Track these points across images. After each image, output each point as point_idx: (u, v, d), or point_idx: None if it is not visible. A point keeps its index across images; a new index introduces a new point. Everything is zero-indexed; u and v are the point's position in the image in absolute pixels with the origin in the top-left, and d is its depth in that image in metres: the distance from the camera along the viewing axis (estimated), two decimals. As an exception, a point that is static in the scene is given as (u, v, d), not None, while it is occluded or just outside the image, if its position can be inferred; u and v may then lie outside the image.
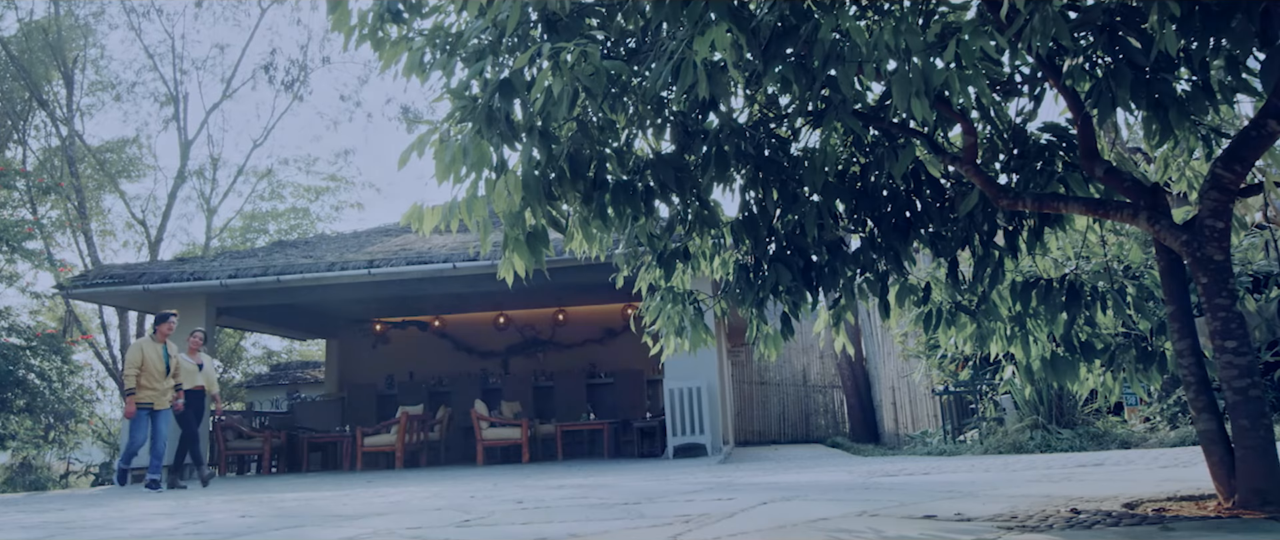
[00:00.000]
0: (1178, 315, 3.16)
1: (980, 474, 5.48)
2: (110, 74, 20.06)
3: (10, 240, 12.80)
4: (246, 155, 40.29)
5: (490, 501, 5.07)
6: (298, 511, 5.18)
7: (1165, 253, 3.21)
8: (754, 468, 8.04)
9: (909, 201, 4.05)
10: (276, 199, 23.39)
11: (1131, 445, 7.56)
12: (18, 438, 17.28)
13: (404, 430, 13.11)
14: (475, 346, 17.28)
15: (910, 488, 4.67)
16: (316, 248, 14.05)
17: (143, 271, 12.70)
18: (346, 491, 6.79)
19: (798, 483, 5.42)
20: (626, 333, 16.76)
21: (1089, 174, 3.41)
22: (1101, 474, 4.89)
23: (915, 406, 15.82)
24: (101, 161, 20.00)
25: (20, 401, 14.98)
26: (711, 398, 11.63)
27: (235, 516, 5.07)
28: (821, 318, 4.30)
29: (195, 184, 20.41)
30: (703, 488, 5.32)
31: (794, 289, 3.85)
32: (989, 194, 3.39)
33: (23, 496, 11.48)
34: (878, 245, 4.03)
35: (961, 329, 4.09)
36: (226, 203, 46.02)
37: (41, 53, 17.23)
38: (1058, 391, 8.14)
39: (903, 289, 4.10)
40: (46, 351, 14.33)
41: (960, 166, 3.45)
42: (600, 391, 16.04)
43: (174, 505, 6.39)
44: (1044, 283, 3.72)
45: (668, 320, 3.99)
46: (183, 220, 58.43)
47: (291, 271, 12.20)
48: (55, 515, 5.95)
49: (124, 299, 13.08)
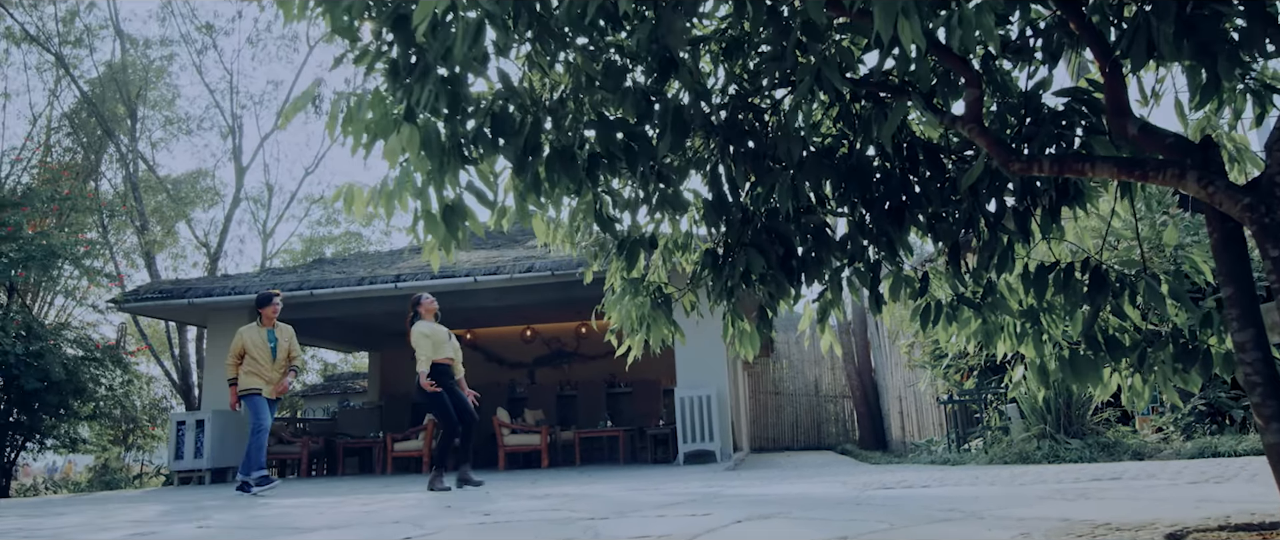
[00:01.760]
0: (1237, 299, 2.25)
1: (984, 488, 4.54)
2: (179, 111, 19.69)
3: (70, 258, 12.24)
4: (299, 182, 40.08)
5: (459, 514, 4.24)
6: (258, 523, 4.38)
7: (1219, 222, 2.30)
8: (755, 476, 7.12)
9: (903, 181, 3.17)
10: (332, 224, 22.92)
11: (1145, 456, 6.54)
12: (88, 442, 16.78)
13: (430, 436, 12.40)
14: (505, 357, 16.50)
15: (905, 505, 3.75)
16: (351, 264, 13.39)
17: (188, 287, 12.10)
18: (331, 498, 5.97)
19: (786, 496, 4.52)
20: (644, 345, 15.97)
21: (1119, 135, 2.52)
22: (1122, 490, 3.94)
23: (921, 415, 14.81)
24: (175, 195, 19.62)
25: (86, 409, 14.45)
26: (721, 406, 10.75)
27: (192, 527, 4.28)
28: (806, 314, 3.42)
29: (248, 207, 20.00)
30: (685, 501, 4.43)
31: (770, 278, 2.99)
32: (998, 159, 2.51)
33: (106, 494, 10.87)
34: (868, 230, 3.16)
35: (964, 325, 3.19)
36: (281, 226, 45.87)
37: (113, 92, 16.90)
38: (1066, 399, 7.14)
39: (897, 280, 3.22)
40: (107, 362, 13.76)
41: (963, 127, 2.58)
42: (619, 400, 15.30)
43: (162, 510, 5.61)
44: (1063, 268, 2.82)
45: (625, 315, 3.14)
46: (241, 243, 58.38)
47: (324, 286, 11.54)
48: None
49: (172, 312, 12.48)
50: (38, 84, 17.58)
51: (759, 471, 8.20)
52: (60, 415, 13.22)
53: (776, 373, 21.58)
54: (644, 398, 15.07)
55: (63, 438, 14.87)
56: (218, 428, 11.64)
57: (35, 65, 17.61)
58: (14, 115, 41.68)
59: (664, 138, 2.64)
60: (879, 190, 3.21)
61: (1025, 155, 2.54)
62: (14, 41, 16.66)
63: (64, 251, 12.03)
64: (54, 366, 11.74)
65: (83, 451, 17.08)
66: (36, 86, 16.30)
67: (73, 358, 12.84)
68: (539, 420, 13.32)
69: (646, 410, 14.80)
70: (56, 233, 12.60)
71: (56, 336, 12.48)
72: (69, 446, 15.45)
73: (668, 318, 3.16)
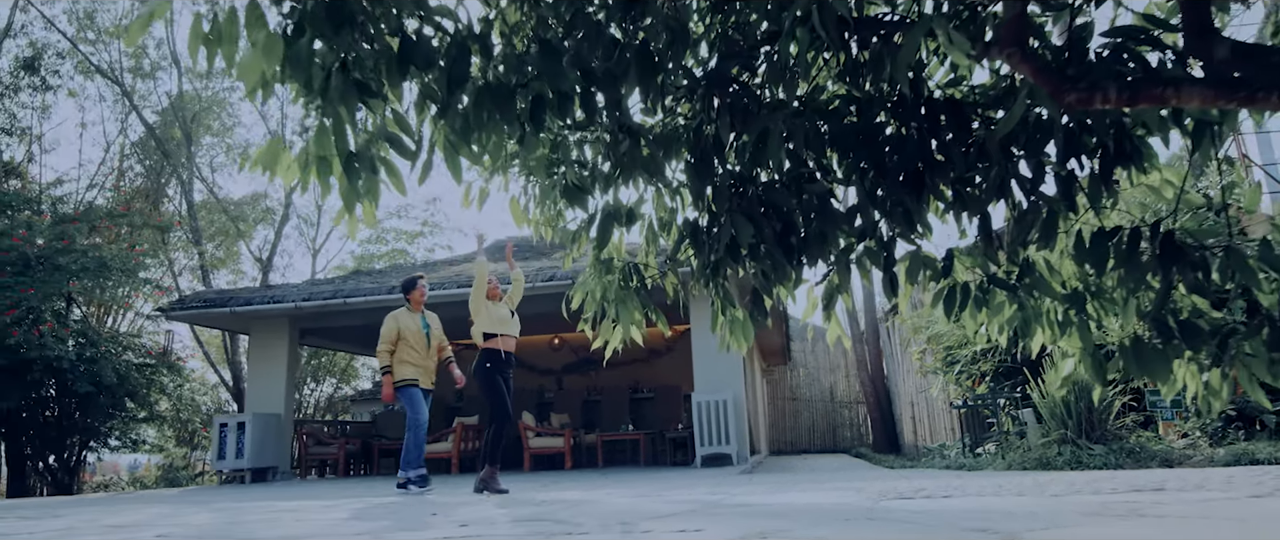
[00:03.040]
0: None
1: (1012, 499, 3.75)
2: (238, 138, 19.47)
3: (120, 269, 11.82)
4: None
5: (431, 525, 3.55)
6: (220, 531, 3.71)
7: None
8: (767, 480, 6.35)
9: (922, 143, 2.45)
10: (380, 243, 22.51)
11: (1173, 463, 5.67)
12: (149, 443, 16.39)
13: (459, 439, 11.78)
14: (535, 364, 15.86)
15: (928, 520, 2.99)
16: (386, 276, 12.85)
17: (231, 296, 11.63)
18: (327, 501, 5.28)
19: (793, 507, 3.76)
20: (668, 353, 15.28)
21: (1204, 61, 1.78)
22: (1175, 504, 3.14)
23: (933, 420, 13.90)
24: (235, 215, 19.35)
25: (142, 412, 14.03)
26: (737, 410, 10.00)
27: (151, 534, 3.63)
28: (810, 301, 2.70)
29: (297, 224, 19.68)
30: (683, 511, 3.70)
31: (765, 254, 2.27)
32: (1048, 88, 1.78)
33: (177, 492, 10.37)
34: (880, 200, 2.44)
35: (997, 312, 2.44)
36: (330, 244, 45.80)
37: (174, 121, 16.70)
38: (1088, 403, 6.28)
39: (915, 260, 2.49)
40: (161, 368, 13.33)
41: (1000, 53, 1.86)
42: (642, 405, 14.61)
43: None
44: (1128, 233, 2.07)
45: (589, 293, 2.43)
46: (289, 257, 58.10)
47: (357, 294, 10.98)
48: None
49: (216, 320, 11.99)
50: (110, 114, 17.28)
51: (773, 475, 7.43)
52: (114, 417, 12.78)
53: (793, 380, 20.81)
54: (666, 403, 14.42)
55: (124, 439, 14.48)
56: (258, 430, 11.12)
57: (107, 97, 17.42)
58: (89, 143, 42.11)
59: (627, 78, 1.96)
60: (893, 157, 2.49)
61: (1083, 85, 1.81)
62: (87, 75, 16.47)
63: (115, 263, 11.60)
64: (106, 371, 11.29)
65: (144, 452, 16.69)
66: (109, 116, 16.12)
67: (125, 363, 12.41)
68: (564, 424, 12.69)
69: (668, 415, 14.11)
70: (108, 246, 12.21)
71: (110, 343, 12.04)
72: (131, 447, 15.06)
73: (641, 300, 2.45)
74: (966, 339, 9.97)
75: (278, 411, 11.52)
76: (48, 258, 11.21)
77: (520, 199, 2.90)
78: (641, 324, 2.50)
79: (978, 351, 9.62)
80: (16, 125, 15.55)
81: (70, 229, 11.34)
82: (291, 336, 11.79)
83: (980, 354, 9.62)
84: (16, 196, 12.65)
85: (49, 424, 12.67)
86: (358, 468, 13.24)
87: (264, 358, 11.73)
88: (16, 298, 10.46)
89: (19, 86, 15.21)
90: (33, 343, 10.46)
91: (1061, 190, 2.29)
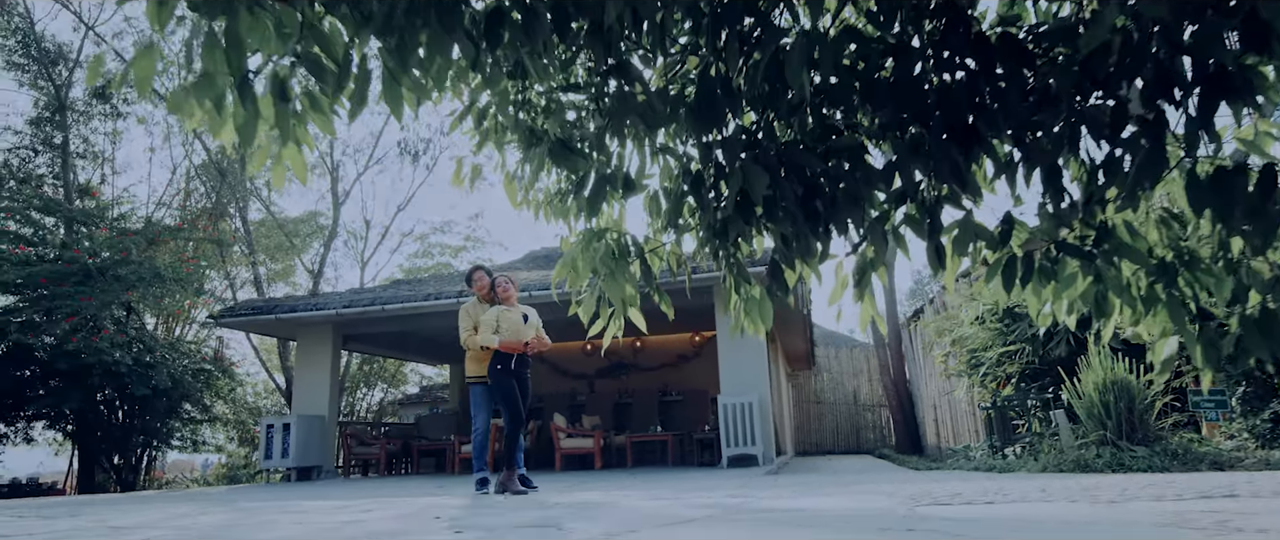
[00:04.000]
0: None
1: (1063, 505, 3.14)
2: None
3: (174, 279, 11.61)
4: (391, 217, 39.69)
5: (436, 525, 3.06)
6: (215, 533, 3.26)
7: None
8: (793, 481, 5.75)
9: (971, 88, 1.91)
10: (426, 256, 22.31)
11: (1224, 466, 4.97)
12: (207, 443, 16.21)
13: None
14: (569, 369, 15.39)
15: (977, 531, 2.41)
16: (423, 284, 12.50)
17: (276, 304, 11.33)
18: (340, 502, 4.82)
19: (822, 512, 3.20)
20: (695, 358, 14.75)
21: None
22: (1266, 514, 2.52)
23: (956, 422, 13.13)
24: (290, 231, 19.28)
25: (200, 414, 13.83)
26: (763, 412, 9.41)
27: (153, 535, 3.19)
28: (838, 280, 2.15)
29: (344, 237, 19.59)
30: (702, 517, 3.15)
31: (784, 214, 1.75)
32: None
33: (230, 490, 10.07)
34: (924, 153, 1.89)
35: (1066, 285, 1.88)
36: (377, 256, 45.68)
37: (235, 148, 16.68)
38: (1128, 402, 5.60)
39: (965, 226, 1.94)
40: (216, 372, 13.10)
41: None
42: (671, 408, 14.04)
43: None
44: (1261, 173, 1.50)
45: (569, 264, 1.92)
46: (337, 268, 58.07)
47: (394, 302, 10.61)
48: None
49: (263, 326, 11.71)
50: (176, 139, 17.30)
51: (798, 476, 6.83)
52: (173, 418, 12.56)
53: (817, 384, 20.11)
54: (694, 405, 13.87)
55: (185, 440, 14.29)
56: (303, 431, 10.78)
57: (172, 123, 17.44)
58: (158, 166, 42.82)
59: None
60: (936, 111, 1.94)
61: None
62: (153, 103, 16.48)
63: (168, 273, 11.39)
64: (161, 376, 11.05)
65: (205, 451, 16.51)
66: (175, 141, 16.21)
67: (181, 368, 12.20)
68: (595, 425, 12.18)
69: (696, 417, 13.54)
70: (163, 258, 12.02)
71: (166, 350, 11.82)
72: (191, 447, 14.88)
73: (631, 272, 1.93)
74: (991, 342, 9.26)
75: (322, 413, 11.19)
76: (107, 269, 11.03)
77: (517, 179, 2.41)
78: (635, 300, 1.99)
79: (1002, 353, 8.92)
80: (90, 149, 15.58)
81: (127, 241, 11.17)
82: (335, 342, 11.47)
83: (1005, 356, 8.91)
84: (86, 214, 12.57)
85: (113, 425, 12.50)
86: (399, 467, 12.86)
87: (309, 362, 11.42)
88: (76, 306, 10.27)
89: (91, 114, 15.24)
90: (91, 348, 10.25)
91: (1148, 135, 1.73)
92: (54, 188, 14.03)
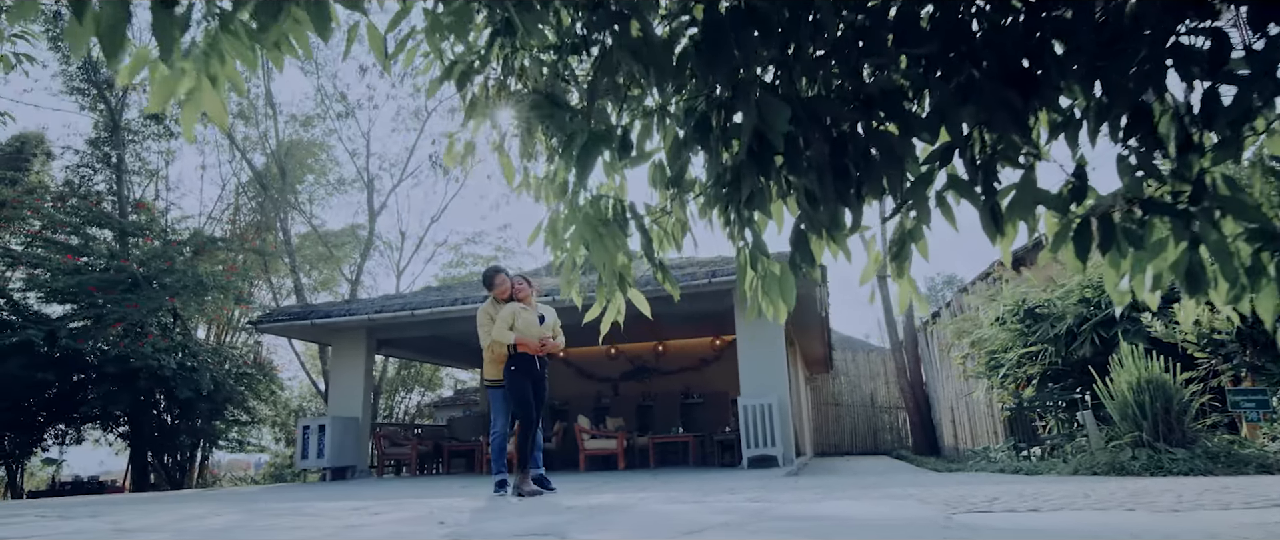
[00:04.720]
0: None
1: (1120, 514, 2.69)
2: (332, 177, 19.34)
3: (215, 287, 11.46)
4: (425, 228, 39.44)
5: (437, 530, 2.71)
6: (227, 535, 2.93)
7: None
8: (814, 483, 5.31)
9: (1030, 26, 1.51)
10: (459, 266, 22.17)
11: (1272, 469, 4.46)
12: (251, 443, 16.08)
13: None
14: (593, 373, 15.03)
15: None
16: (452, 290, 12.24)
17: (311, 310, 11.14)
18: (357, 503, 4.48)
19: (849, 518, 2.78)
20: (716, 362, 14.31)
21: None
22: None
23: (974, 424, 12.53)
24: (332, 243, 19.23)
25: (243, 416, 13.68)
26: (782, 413, 8.97)
27: (152, 536, 2.87)
28: (871, 258, 1.76)
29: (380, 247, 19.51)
30: (718, 524, 2.76)
31: (808, 165, 1.37)
32: None
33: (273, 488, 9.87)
34: (975, 100, 1.50)
35: (1154, 253, 1.48)
36: (412, 266, 45.65)
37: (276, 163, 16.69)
38: (1165, 403, 5.08)
39: (1026, 187, 1.54)
40: (258, 376, 12.95)
41: None
42: (693, 410, 13.62)
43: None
44: None
45: (553, 236, 1.56)
46: (373, 277, 58.00)
47: (423, 307, 10.34)
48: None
49: (299, 331, 11.50)
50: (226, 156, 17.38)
51: (819, 478, 6.38)
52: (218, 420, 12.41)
53: (835, 387, 19.54)
54: (715, 407, 13.44)
55: (231, 441, 14.16)
56: (337, 432, 10.54)
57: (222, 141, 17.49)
58: (209, 182, 43.44)
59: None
60: (987, 54, 1.55)
61: None
62: (203, 123, 16.52)
63: (210, 280, 11.25)
64: (204, 379, 10.88)
65: (250, 452, 16.39)
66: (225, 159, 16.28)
67: (223, 372, 12.04)
68: (618, 426, 11.81)
69: (717, 418, 13.10)
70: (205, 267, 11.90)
71: (210, 354, 11.67)
72: (236, 448, 14.74)
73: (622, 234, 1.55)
74: (1011, 343, 8.72)
75: (356, 415, 10.94)
76: (154, 277, 10.92)
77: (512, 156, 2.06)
78: (628, 269, 1.61)
79: (1023, 354, 8.38)
80: (145, 166, 15.63)
81: (171, 250, 11.05)
82: (368, 346, 11.23)
83: (1026, 357, 8.37)
84: (136, 226, 12.52)
85: (162, 426, 12.38)
86: (430, 467, 12.57)
87: (344, 366, 11.20)
88: (123, 312, 10.15)
89: (145, 134, 15.28)
90: (138, 353, 10.11)
91: (1257, 65, 1.33)
92: (111, 203, 14.06)
